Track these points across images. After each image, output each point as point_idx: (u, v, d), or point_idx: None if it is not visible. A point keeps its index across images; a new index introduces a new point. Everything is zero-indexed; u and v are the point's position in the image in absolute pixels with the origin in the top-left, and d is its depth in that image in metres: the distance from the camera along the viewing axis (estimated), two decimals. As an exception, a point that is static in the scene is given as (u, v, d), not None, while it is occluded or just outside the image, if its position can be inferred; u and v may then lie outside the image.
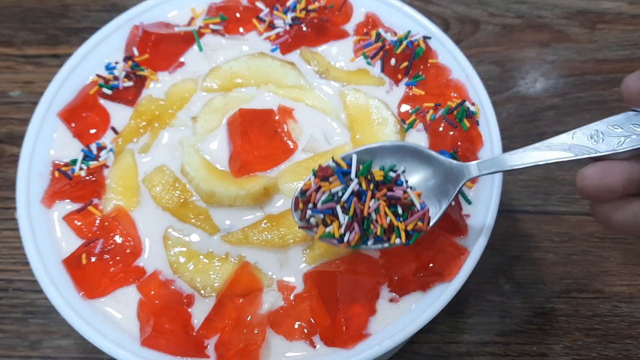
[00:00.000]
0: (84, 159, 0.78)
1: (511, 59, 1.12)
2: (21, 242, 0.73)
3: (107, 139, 0.81)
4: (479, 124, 0.79)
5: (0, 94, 1.08)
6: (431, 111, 0.80)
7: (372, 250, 0.73)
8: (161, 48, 0.86)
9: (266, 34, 0.88)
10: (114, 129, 0.81)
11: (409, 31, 0.86)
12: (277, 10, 0.89)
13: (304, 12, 0.88)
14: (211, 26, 0.88)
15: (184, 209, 0.75)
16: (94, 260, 0.72)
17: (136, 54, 0.85)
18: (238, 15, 0.89)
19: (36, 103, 0.81)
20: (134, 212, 0.76)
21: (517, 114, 1.06)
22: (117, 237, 0.73)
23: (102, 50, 0.86)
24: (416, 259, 0.70)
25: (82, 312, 0.69)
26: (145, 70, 0.84)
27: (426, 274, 0.70)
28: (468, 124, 0.77)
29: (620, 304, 0.90)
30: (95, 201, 0.77)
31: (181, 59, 0.87)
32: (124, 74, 0.83)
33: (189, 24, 0.89)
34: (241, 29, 0.89)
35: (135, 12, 0.88)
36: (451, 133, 0.77)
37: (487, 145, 0.78)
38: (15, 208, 0.75)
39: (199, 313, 0.70)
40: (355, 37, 0.88)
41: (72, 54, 0.85)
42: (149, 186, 0.77)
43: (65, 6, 1.17)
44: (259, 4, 0.90)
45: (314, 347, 0.69)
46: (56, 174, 0.78)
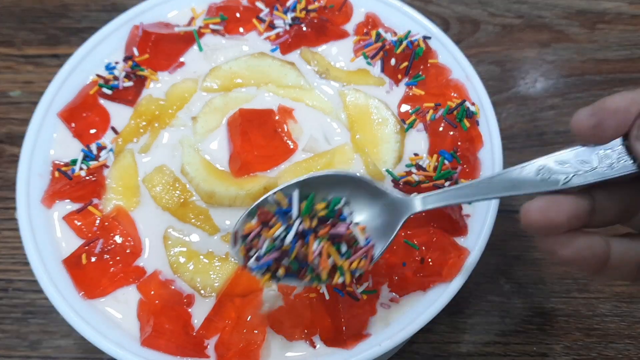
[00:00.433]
0: (84, 159, 0.78)
1: (511, 59, 1.12)
2: (21, 242, 0.73)
3: (107, 139, 0.81)
4: (479, 124, 0.79)
5: (0, 94, 1.08)
6: (431, 111, 0.80)
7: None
8: (161, 48, 0.86)
9: (266, 34, 0.88)
10: (114, 129, 0.81)
11: (409, 31, 0.86)
12: (277, 10, 0.89)
13: (304, 12, 0.88)
14: (211, 26, 0.88)
15: (184, 209, 0.75)
16: (94, 260, 0.72)
17: (136, 54, 0.85)
18: (238, 15, 0.89)
19: (36, 103, 0.81)
20: (134, 212, 0.76)
21: (517, 114, 1.06)
22: (117, 237, 0.73)
23: (102, 50, 0.86)
24: (416, 259, 0.70)
25: (82, 312, 0.69)
26: (145, 70, 0.84)
27: (426, 274, 0.70)
28: (468, 124, 0.77)
29: (620, 304, 0.90)
30: (95, 201, 0.77)
31: (181, 59, 0.87)
32: (124, 74, 0.83)
33: (189, 24, 0.89)
34: (241, 29, 0.89)
35: (135, 12, 0.88)
36: (451, 133, 0.77)
37: (487, 145, 0.78)
38: (15, 208, 0.75)
39: (199, 313, 0.70)
40: (355, 37, 0.88)
41: (72, 54, 0.85)
42: (149, 186, 0.77)
43: (65, 6, 1.17)
44: (259, 4, 0.90)
45: (314, 347, 0.69)
46: (56, 174, 0.78)
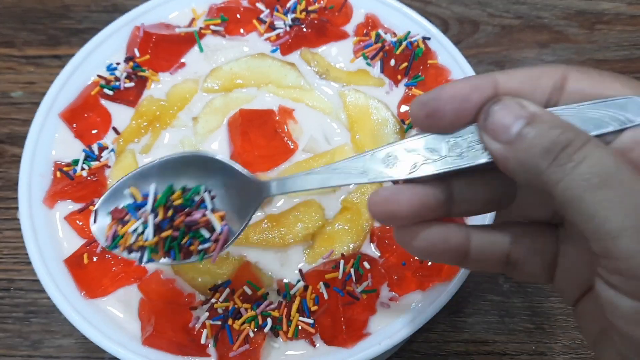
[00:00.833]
0: (85, 159, 0.79)
1: (510, 59, 1.12)
2: (23, 242, 0.73)
3: (109, 139, 0.81)
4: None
5: (2, 95, 1.08)
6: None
7: (372, 250, 0.74)
8: (162, 49, 0.86)
9: (266, 35, 0.88)
10: (115, 129, 0.82)
11: (409, 32, 0.86)
12: (277, 11, 0.89)
13: (304, 13, 0.88)
14: (212, 27, 0.88)
15: (184, 209, 0.75)
16: (95, 260, 0.72)
17: (137, 54, 0.85)
18: (238, 16, 0.89)
19: (37, 103, 0.82)
20: (135, 212, 0.76)
21: (517, 114, 1.06)
22: (119, 237, 0.73)
23: (104, 51, 0.87)
24: (416, 259, 0.71)
25: (83, 311, 0.69)
26: (146, 71, 0.84)
27: (426, 273, 0.71)
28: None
29: (618, 303, 0.90)
30: (97, 201, 0.77)
31: (182, 60, 0.87)
32: (125, 74, 0.84)
33: (189, 25, 0.89)
34: (242, 30, 0.89)
35: (136, 13, 0.89)
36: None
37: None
38: (17, 208, 0.75)
39: (199, 312, 0.71)
40: (355, 37, 0.88)
41: (73, 55, 0.85)
42: (150, 186, 0.77)
43: (65, 7, 1.18)
44: (260, 5, 0.90)
45: (314, 346, 0.69)
46: (58, 174, 0.78)
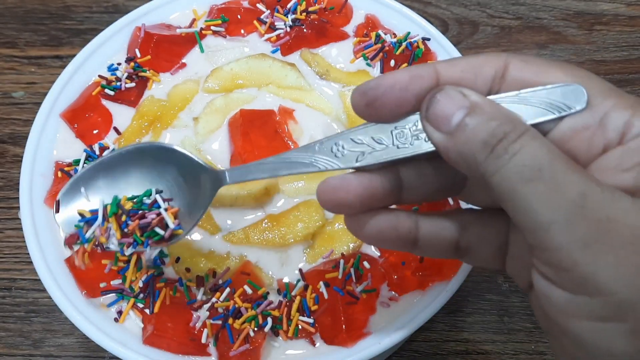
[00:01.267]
0: (86, 159, 0.79)
1: (510, 60, 1.12)
2: (24, 241, 0.73)
3: (110, 139, 0.82)
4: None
5: (3, 95, 1.08)
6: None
7: (372, 250, 0.74)
8: (163, 49, 0.86)
9: (267, 36, 0.88)
10: (116, 129, 0.82)
11: (409, 33, 0.86)
12: (277, 12, 0.89)
13: (304, 13, 0.89)
14: (212, 28, 0.88)
15: (185, 209, 0.76)
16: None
17: (138, 55, 0.86)
18: (239, 17, 0.89)
19: (39, 104, 0.82)
20: (136, 212, 0.77)
21: (516, 114, 1.06)
22: (120, 236, 0.74)
23: (105, 51, 0.87)
24: (416, 258, 0.71)
25: (84, 310, 0.70)
26: (147, 72, 0.85)
27: (425, 273, 0.71)
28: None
29: (617, 303, 0.91)
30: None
31: (183, 60, 0.87)
32: (126, 75, 0.84)
33: (190, 26, 0.89)
34: (242, 31, 0.89)
35: (137, 13, 0.89)
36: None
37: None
38: (18, 208, 0.76)
39: (200, 312, 0.71)
40: (355, 38, 0.89)
41: (74, 55, 0.86)
42: (151, 186, 0.77)
43: (67, 7, 1.18)
44: (260, 6, 0.90)
45: (314, 345, 0.69)
46: (59, 174, 0.78)
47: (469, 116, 0.45)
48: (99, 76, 0.85)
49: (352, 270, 0.71)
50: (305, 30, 0.87)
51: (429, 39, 0.86)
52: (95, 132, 0.82)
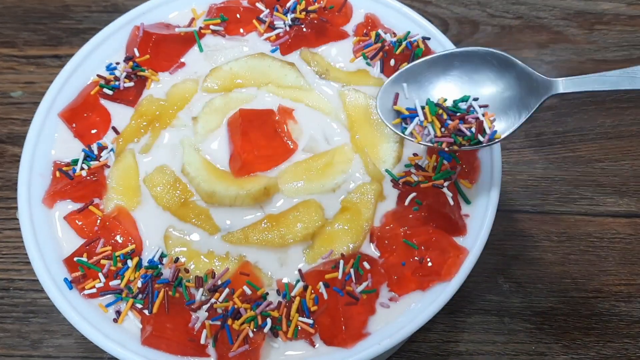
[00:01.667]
0: (85, 159, 0.79)
1: (510, 59, 1.12)
2: (22, 241, 0.73)
3: (108, 139, 0.81)
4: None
5: (2, 95, 1.08)
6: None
7: (372, 250, 0.74)
8: (162, 49, 0.86)
9: (266, 35, 0.88)
10: (114, 129, 0.82)
11: (408, 32, 0.86)
12: (277, 11, 0.89)
13: (303, 13, 0.88)
14: (212, 27, 0.88)
15: (184, 209, 0.76)
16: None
17: (137, 54, 0.85)
18: (238, 16, 0.89)
19: (37, 103, 0.82)
20: (135, 212, 0.76)
21: (516, 114, 1.06)
22: (118, 236, 0.74)
23: (103, 51, 0.87)
24: (415, 258, 0.71)
25: (83, 311, 0.70)
26: (146, 71, 0.84)
27: (425, 273, 0.71)
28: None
29: (618, 303, 0.91)
30: (96, 201, 0.77)
31: (182, 60, 0.87)
32: (124, 74, 0.84)
33: (189, 25, 0.89)
34: (241, 30, 0.89)
35: (136, 13, 0.89)
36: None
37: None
38: (16, 208, 0.75)
39: (199, 312, 0.71)
40: (355, 37, 0.88)
41: (73, 55, 0.85)
42: (150, 186, 0.77)
43: (66, 7, 1.18)
44: (259, 5, 0.90)
45: (314, 346, 0.69)
46: (57, 174, 0.78)
47: None
48: (98, 75, 0.85)
49: (351, 270, 0.70)
50: (304, 29, 0.87)
51: (429, 38, 0.86)
52: (93, 131, 0.82)
